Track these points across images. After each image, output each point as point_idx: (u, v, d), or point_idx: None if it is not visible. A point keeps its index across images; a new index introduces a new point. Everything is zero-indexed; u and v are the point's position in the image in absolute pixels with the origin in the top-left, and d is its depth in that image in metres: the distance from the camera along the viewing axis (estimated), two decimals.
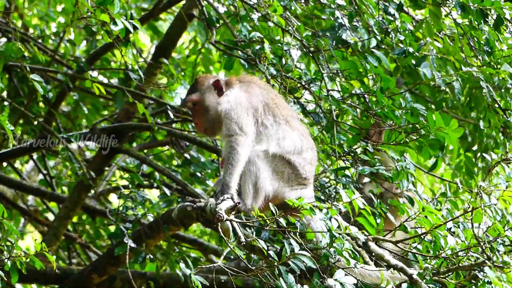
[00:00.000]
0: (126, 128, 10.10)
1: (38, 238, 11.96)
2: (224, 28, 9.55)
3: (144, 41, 13.75)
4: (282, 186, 6.69)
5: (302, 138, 6.80)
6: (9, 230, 6.35)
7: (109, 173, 10.92)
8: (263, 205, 6.66)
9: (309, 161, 6.78)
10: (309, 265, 5.91)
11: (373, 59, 7.79)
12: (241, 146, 6.58)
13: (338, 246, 6.03)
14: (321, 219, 6.02)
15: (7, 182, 11.10)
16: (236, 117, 6.67)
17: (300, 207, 5.97)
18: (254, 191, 6.62)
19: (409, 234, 6.78)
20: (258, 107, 6.76)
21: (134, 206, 9.04)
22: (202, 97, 6.84)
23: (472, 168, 9.26)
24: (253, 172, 6.59)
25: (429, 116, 6.96)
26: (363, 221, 6.15)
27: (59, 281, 9.63)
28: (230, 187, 6.50)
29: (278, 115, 6.77)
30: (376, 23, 8.08)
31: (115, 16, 6.57)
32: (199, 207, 6.67)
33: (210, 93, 6.86)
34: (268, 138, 6.71)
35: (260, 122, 6.74)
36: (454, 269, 6.39)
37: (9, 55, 7.68)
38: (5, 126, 6.61)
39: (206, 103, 6.83)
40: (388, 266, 6.46)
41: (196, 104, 6.86)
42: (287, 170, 6.69)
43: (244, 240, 6.02)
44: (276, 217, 6.03)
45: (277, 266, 5.90)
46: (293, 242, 5.94)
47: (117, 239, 8.51)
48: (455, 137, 6.95)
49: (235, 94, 6.80)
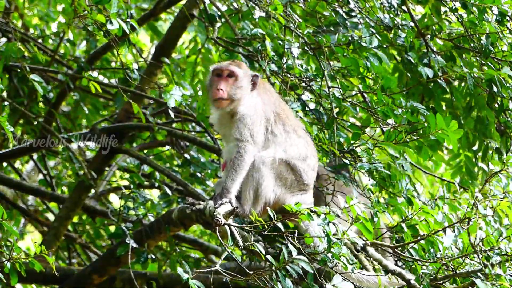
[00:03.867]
0: (126, 128, 10.09)
1: (38, 239, 11.97)
2: (224, 28, 9.54)
3: (144, 41, 13.75)
4: (284, 192, 6.78)
5: (307, 146, 6.91)
6: (9, 231, 6.35)
7: (109, 173, 10.92)
8: (262, 209, 6.73)
9: (312, 167, 6.89)
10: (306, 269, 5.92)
11: (374, 59, 7.79)
12: (248, 154, 6.67)
13: (335, 251, 6.04)
14: (319, 224, 6.04)
15: (7, 183, 11.09)
16: (250, 123, 6.75)
17: (298, 212, 5.99)
18: (255, 197, 6.70)
19: (405, 235, 6.79)
20: (270, 117, 6.86)
21: (135, 206, 9.04)
22: (241, 76, 6.87)
23: (472, 168, 9.25)
24: (256, 179, 6.68)
25: (431, 117, 6.95)
26: (361, 226, 6.14)
27: (59, 281, 9.62)
28: (230, 192, 6.57)
29: (287, 124, 6.88)
30: (377, 20, 8.09)
31: (111, 16, 6.56)
32: (198, 209, 6.69)
33: (247, 80, 6.90)
34: (276, 145, 6.82)
35: (270, 131, 6.83)
36: (451, 275, 6.39)
37: (9, 55, 7.68)
38: (5, 127, 6.60)
39: (243, 84, 6.85)
40: (386, 271, 6.44)
41: (233, 76, 6.88)
42: (291, 176, 6.79)
43: (242, 244, 6.03)
44: (274, 222, 6.05)
45: (275, 270, 5.91)
46: (291, 247, 5.95)
47: (118, 239, 8.51)
48: (455, 138, 6.95)
49: (254, 99, 6.88)
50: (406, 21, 8.20)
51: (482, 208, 6.48)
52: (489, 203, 6.63)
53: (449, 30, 8.43)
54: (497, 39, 8.17)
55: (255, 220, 6.07)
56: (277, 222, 6.03)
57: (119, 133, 10.05)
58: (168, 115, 10.70)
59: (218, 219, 6.13)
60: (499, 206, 6.64)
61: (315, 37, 7.98)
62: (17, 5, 12.33)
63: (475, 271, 6.32)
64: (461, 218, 6.58)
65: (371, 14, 8.20)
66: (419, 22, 8.28)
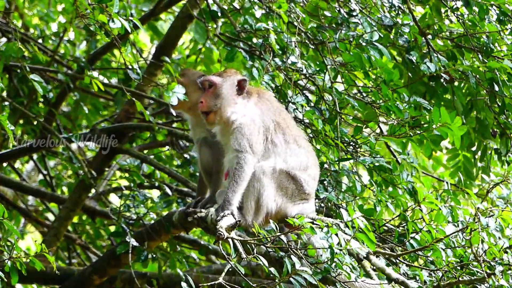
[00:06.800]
0: (126, 128, 10.09)
1: (38, 239, 11.97)
2: (225, 27, 9.54)
3: (144, 41, 13.75)
4: (285, 202, 6.76)
5: (308, 156, 6.89)
6: (10, 230, 6.35)
7: (110, 172, 10.91)
8: (264, 219, 6.73)
9: (313, 177, 6.88)
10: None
11: (375, 52, 7.79)
12: (248, 164, 6.65)
13: (338, 260, 6.05)
14: (322, 238, 6.04)
15: (7, 183, 11.09)
16: (248, 133, 6.73)
17: (301, 225, 5.99)
18: (256, 207, 6.69)
19: (408, 224, 6.78)
20: (269, 126, 6.82)
21: (136, 205, 9.04)
22: (222, 84, 6.86)
23: (471, 168, 9.24)
24: (257, 189, 6.67)
25: (435, 110, 6.94)
26: (363, 236, 6.12)
27: (59, 281, 9.63)
28: (231, 203, 6.56)
29: (287, 134, 6.84)
30: (378, 19, 8.10)
31: (113, 16, 6.56)
32: (199, 217, 6.74)
33: (231, 86, 6.87)
34: (276, 155, 6.79)
35: (269, 140, 6.80)
36: (454, 283, 6.37)
37: (9, 55, 7.68)
38: (6, 126, 6.61)
39: (223, 91, 6.83)
40: (389, 280, 6.43)
41: (212, 86, 6.86)
42: (292, 186, 6.77)
43: (245, 257, 6.03)
44: (277, 235, 6.09)
45: (278, 283, 5.93)
46: (294, 258, 5.97)
47: (119, 238, 8.51)
48: (459, 134, 6.93)
49: (251, 108, 6.86)
50: (407, 21, 8.20)
51: (484, 219, 6.47)
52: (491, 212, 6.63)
53: (449, 30, 8.43)
54: (497, 39, 8.18)
55: (258, 233, 6.08)
56: (280, 235, 6.06)
57: (119, 133, 10.04)
58: (168, 115, 10.69)
59: (221, 233, 6.13)
60: (500, 216, 6.62)
61: (318, 32, 7.98)
62: (17, 5, 12.33)
63: (478, 279, 6.30)
64: (462, 227, 6.57)
65: (373, 14, 8.20)
66: (420, 22, 8.28)
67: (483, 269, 6.29)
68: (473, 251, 6.38)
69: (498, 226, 6.56)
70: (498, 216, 6.59)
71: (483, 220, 6.43)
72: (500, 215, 6.60)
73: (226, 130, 6.83)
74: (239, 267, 5.98)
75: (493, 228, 6.48)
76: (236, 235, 6.29)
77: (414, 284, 6.37)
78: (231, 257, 6.03)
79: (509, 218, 6.62)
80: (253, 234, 6.20)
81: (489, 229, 6.44)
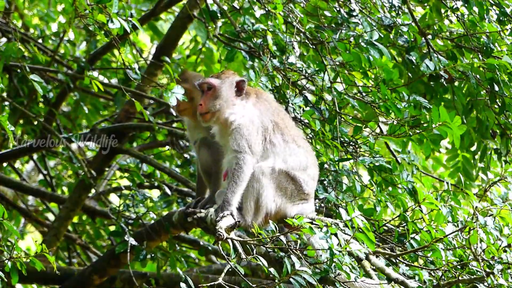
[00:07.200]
0: (126, 128, 10.09)
1: (38, 239, 11.97)
2: (225, 27, 9.54)
3: (145, 41, 13.75)
4: (284, 202, 6.76)
5: (307, 156, 6.89)
6: (9, 231, 6.35)
7: (110, 172, 10.92)
8: (263, 220, 6.74)
9: (312, 177, 6.88)
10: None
11: (375, 51, 7.79)
12: (247, 165, 6.65)
13: (338, 260, 6.05)
14: (321, 238, 6.04)
15: (7, 183, 11.09)
16: (247, 134, 6.73)
17: (300, 226, 5.99)
18: (256, 208, 6.69)
19: (408, 224, 6.79)
20: (268, 126, 6.82)
21: (135, 204, 9.04)
22: (221, 86, 6.87)
23: (471, 169, 9.25)
24: (256, 189, 6.67)
25: (434, 110, 6.94)
26: (363, 236, 6.12)
27: (59, 281, 9.63)
28: (231, 204, 6.56)
29: (286, 134, 6.85)
30: (378, 19, 8.11)
31: (113, 16, 6.56)
32: (199, 217, 6.74)
33: (229, 88, 6.88)
34: (275, 155, 6.79)
35: (268, 140, 6.81)
36: (454, 282, 6.37)
37: (9, 55, 7.68)
38: (5, 126, 6.61)
39: (222, 93, 6.84)
40: (389, 280, 6.43)
41: (211, 89, 6.88)
42: (291, 186, 6.77)
43: (244, 257, 6.04)
44: (277, 235, 6.09)
45: (278, 284, 5.93)
46: (294, 258, 5.98)
47: (118, 237, 8.51)
48: (458, 133, 6.93)
49: (249, 109, 6.86)
50: (407, 21, 8.21)
51: (482, 218, 6.47)
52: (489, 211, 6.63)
53: (449, 30, 8.44)
54: (497, 39, 8.18)
55: (257, 233, 6.08)
56: (280, 235, 6.06)
57: (119, 133, 10.05)
58: (168, 115, 10.70)
59: (220, 234, 6.14)
60: (499, 214, 6.62)
61: (317, 32, 7.99)
62: (17, 5, 12.33)
63: (478, 278, 6.30)
64: (461, 227, 6.58)
65: (373, 14, 8.21)
66: (419, 22, 8.28)
67: (482, 268, 6.29)
68: (472, 250, 6.38)
69: (496, 225, 6.56)
70: (496, 215, 6.59)
71: (481, 219, 6.44)
72: (498, 214, 6.60)
73: (225, 131, 6.84)
74: (238, 268, 5.99)
75: (491, 227, 6.48)
76: (236, 235, 6.30)
77: (414, 284, 6.36)
78: (230, 258, 6.03)
79: (507, 217, 6.62)
80: (253, 235, 6.21)
81: (488, 228, 6.44)
